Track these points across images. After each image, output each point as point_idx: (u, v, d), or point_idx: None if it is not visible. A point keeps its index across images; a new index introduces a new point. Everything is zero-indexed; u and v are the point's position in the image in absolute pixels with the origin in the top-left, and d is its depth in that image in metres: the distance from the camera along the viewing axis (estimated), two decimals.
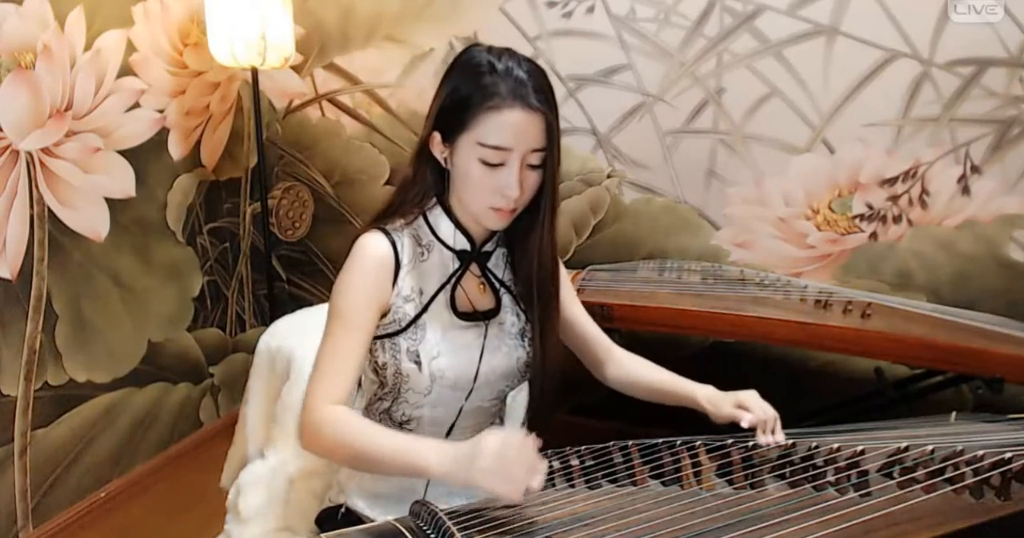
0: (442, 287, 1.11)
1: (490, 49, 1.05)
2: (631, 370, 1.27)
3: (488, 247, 1.15)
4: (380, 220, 1.10)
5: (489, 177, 1.02)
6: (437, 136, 1.06)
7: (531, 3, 2.09)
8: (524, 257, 1.13)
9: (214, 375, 2.38)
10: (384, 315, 1.09)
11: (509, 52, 1.04)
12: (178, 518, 1.97)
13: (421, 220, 1.11)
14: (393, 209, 1.11)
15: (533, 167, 1.03)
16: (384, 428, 1.03)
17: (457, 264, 1.12)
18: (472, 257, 1.13)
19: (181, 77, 2.12)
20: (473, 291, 1.13)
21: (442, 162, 1.08)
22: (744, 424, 1.11)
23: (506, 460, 0.85)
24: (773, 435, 1.10)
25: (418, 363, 1.08)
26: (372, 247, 1.07)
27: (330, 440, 0.99)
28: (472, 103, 1.01)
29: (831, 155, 1.98)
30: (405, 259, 1.08)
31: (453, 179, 1.08)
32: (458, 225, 1.11)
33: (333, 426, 0.99)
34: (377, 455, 0.96)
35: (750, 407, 1.12)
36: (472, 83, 1.01)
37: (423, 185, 1.10)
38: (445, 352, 1.09)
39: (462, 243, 1.12)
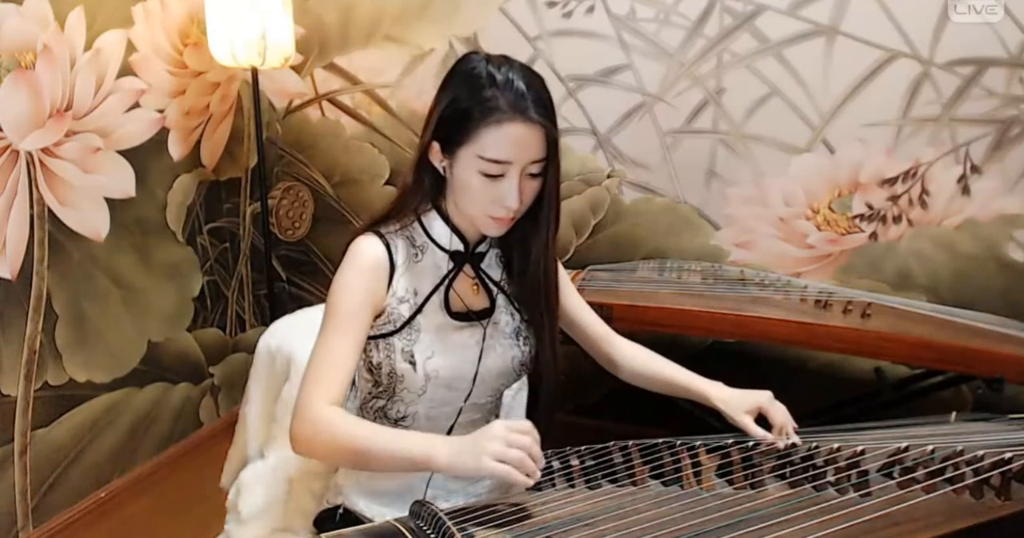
0: (436, 288, 1.12)
1: (488, 59, 1.05)
2: (641, 365, 1.28)
3: (481, 248, 1.16)
4: (377, 223, 1.11)
5: (489, 188, 1.03)
6: (436, 146, 1.07)
7: (531, 3, 2.09)
8: (526, 263, 1.14)
9: (214, 375, 2.38)
10: (379, 316, 1.09)
11: (507, 61, 1.05)
12: (178, 518, 1.97)
13: (415, 223, 1.13)
14: (393, 213, 1.12)
15: (533, 176, 1.05)
16: (379, 425, 1.07)
17: (451, 265, 1.13)
18: (466, 258, 1.14)
19: (181, 77, 2.12)
20: (466, 292, 1.14)
21: (441, 170, 1.09)
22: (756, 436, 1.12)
23: (513, 445, 0.88)
24: (788, 437, 1.11)
25: (412, 363, 1.09)
26: (367, 249, 1.08)
27: (327, 442, 0.98)
28: (472, 117, 1.01)
29: (831, 155, 1.98)
30: (399, 261, 1.10)
31: (451, 187, 1.09)
32: (453, 228, 1.12)
33: (329, 427, 0.98)
34: (379, 452, 0.96)
35: (768, 416, 1.13)
36: (472, 96, 1.01)
37: (422, 191, 1.11)
38: (439, 352, 1.10)
39: (456, 245, 1.13)
